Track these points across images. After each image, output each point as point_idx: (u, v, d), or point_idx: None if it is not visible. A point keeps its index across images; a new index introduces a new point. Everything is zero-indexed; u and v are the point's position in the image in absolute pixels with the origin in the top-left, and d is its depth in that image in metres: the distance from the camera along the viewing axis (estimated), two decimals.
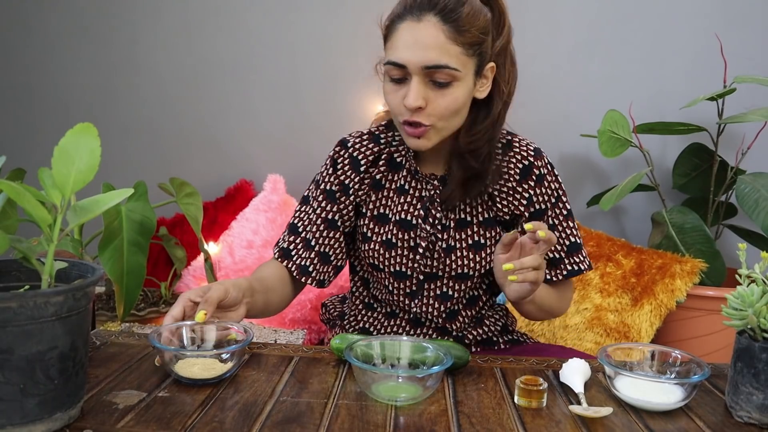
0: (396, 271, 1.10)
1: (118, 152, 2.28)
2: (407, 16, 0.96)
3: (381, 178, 1.12)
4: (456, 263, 1.09)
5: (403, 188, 1.11)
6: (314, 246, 1.11)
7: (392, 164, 1.12)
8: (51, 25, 2.27)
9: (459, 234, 1.09)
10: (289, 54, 2.21)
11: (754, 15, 2.07)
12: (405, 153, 1.11)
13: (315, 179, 1.15)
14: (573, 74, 2.15)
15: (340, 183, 1.11)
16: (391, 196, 1.11)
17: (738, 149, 1.98)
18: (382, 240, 1.10)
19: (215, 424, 0.71)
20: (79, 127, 0.68)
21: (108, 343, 0.97)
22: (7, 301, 0.61)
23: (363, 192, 1.12)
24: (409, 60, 0.95)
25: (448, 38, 0.94)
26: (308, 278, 1.10)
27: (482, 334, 1.17)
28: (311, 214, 1.12)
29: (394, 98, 1.00)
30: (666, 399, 0.78)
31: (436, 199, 1.09)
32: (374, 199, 1.12)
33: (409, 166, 1.11)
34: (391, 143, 1.12)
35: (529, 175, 1.09)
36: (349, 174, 1.11)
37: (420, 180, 1.10)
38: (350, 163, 1.11)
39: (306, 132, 2.24)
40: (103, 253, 1.20)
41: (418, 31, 0.95)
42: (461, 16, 0.95)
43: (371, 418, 0.74)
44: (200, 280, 1.92)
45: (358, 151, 1.11)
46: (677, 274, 1.77)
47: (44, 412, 0.65)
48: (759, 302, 0.76)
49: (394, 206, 1.11)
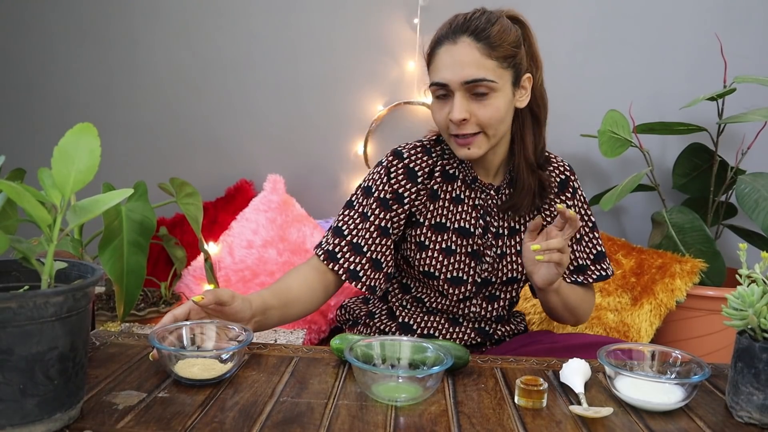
0: (453, 277, 1.16)
1: (118, 152, 2.28)
2: (444, 41, 1.06)
3: (437, 188, 1.17)
4: (507, 268, 1.17)
5: (459, 198, 1.17)
6: (366, 252, 1.13)
7: (446, 176, 1.18)
8: (51, 25, 2.27)
9: (510, 241, 1.17)
10: (289, 54, 2.21)
11: (754, 15, 2.06)
12: (457, 165, 1.18)
13: (363, 186, 1.18)
14: (573, 74, 2.15)
15: (393, 192, 1.15)
16: (447, 205, 1.17)
17: (738, 149, 1.98)
18: (441, 248, 1.15)
19: (215, 425, 0.71)
20: (78, 127, 0.68)
21: (108, 344, 0.97)
22: (6, 302, 0.61)
23: (419, 202, 1.16)
24: (450, 79, 1.05)
25: (482, 54, 1.04)
26: (358, 283, 1.12)
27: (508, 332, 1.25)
28: (361, 219, 1.15)
29: (440, 115, 1.09)
30: (666, 399, 0.78)
31: (493, 208, 1.17)
32: (432, 209, 1.17)
33: (463, 176, 1.17)
34: (443, 156, 1.19)
35: (567, 188, 1.20)
36: (403, 184, 1.15)
37: (476, 189, 1.17)
38: (406, 173, 1.15)
39: (306, 132, 2.24)
40: (103, 253, 1.19)
41: (455, 52, 1.05)
42: (492, 34, 1.04)
43: (371, 419, 0.74)
44: (200, 280, 1.92)
45: (415, 163, 1.16)
46: (677, 274, 1.77)
47: (44, 413, 0.65)
48: (759, 302, 0.75)
49: (452, 215, 1.16)
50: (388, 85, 2.18)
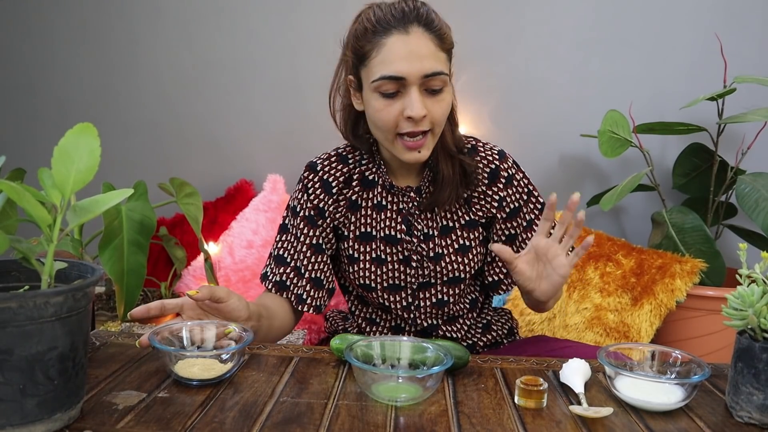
0: (390, 285, 1.12)
1: (118, 152, 2.28)
2: (392, 30, 0.96)
3: (357, 198, 1.12)
4: (446, 268, 1.11)
5: (381, 204, 1.11)
6: (304, 273, 1.10)
7: (365, 182, 1.12)
8: (51, 25, 2.27)
9: (444, 240, 1.11)
10: (289, 54, 2.21)
11: (754, 15, 2.06)
12: (376, 170, 1.12)
13: (290, 206, 1.14)
14: (573, 74, 2.15)
15: (314, 207, 1.11)
16: (370, 213, 1.11)
17: (738, 149, 1.98)
18: (371, 258, 1.11)
19: (215, 425, 0.71)
20: (78, 127, 0.68)
21: (108, 344, 0.97)
22: (6, 302, 0.61)
23: (340, 214, 1.12)
24: (408, 71, 0.95)
25: (436, 46, 0.97)
26: (304, 306, 1.10)
27: (491, 339, 1.20)
28: (294, 242, 1.11)
29: (389, 113, 0.98)
30: (666, 399, 0.78)
31: (415, 210, 1.10)
32: (354, 220, 1.12)
33: (382, 182, 1.11)
34: (360, 162, 1.12)
35: (497, 178, 1.11)
36: (321, 197, 1.11)
37: (396, 194, 1.11)
38: (321, 186, 1.11)
39: (306, 132, 2.24)
40: (103, 253, 1.20)
41: (410, 42, 0.96)
42: (440, 25, 0.98)
43: (371, 419, 0.74)
44: (200, 280, 1.92)
45: (328, 174, 1.11)
46: (677, 274, 1.77)
47: (44, 413, 0.65)
48: (759, 302, 0.75)
49: (376, 223, 1.11)
50: None
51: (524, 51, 2.14)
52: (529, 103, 2.16)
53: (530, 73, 2.16)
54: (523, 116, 2.18)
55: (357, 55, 1.01)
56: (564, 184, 2.19)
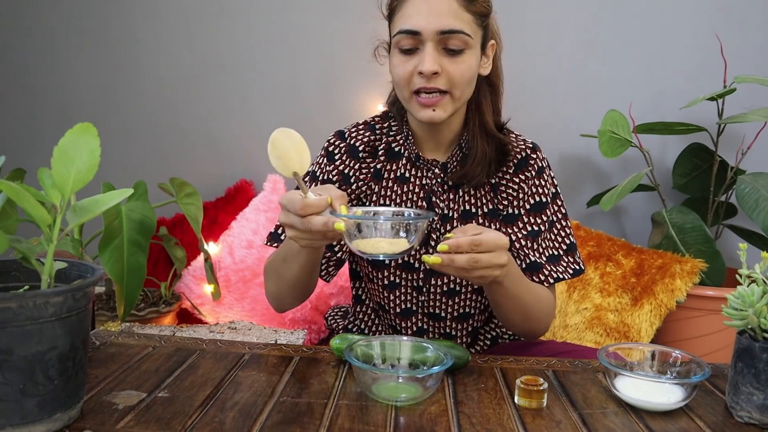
0: (403, 262, 1.09)
1: (118, 152, 2.28)
2: None
3: (381, 168, 1.10)
4: None
5: (404, 176, 1.09)
6: None
7: (391, 154, 1.10)
8: (51, 25, 2.27)
9: (462, 225, 1.07)
10: (289, 54, 2.21)
11: (754, 15, 2.06)
12: (403, 141, 1.10)
13: (309, 171, 1.12)
14: (573, 74, 2.15)
15: (339, 173, 1.09)
16: (392, 186, 1.09)
17: (738, 149, 1.98)
18: None
19: (215, 425, 0.71)
20: (78, 127, 0.68)
21: (108, 343, 0.97)
22: (6, 302, 0.61)
23: (364, 183, 1.10)
24: (424, 26, 0.95)
25: (460, 5, 0.96)
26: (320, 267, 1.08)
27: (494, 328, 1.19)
28: None
29: (404, 69, 0.98)
30: (666, 399, 0.78)
31: (438, 188, 1.08)
32: (376, 190, 1.10)
33: (408, 153, 1.09)
34: (388, 133, 1.11)
35: (528, 166, 1.08)
36: (347, 162, 1.09)
37: (420, 167, 1.09)
38: (348, 151, 1.09)
39: (306, 132, 2.20)
40: (103, 253, 1.20)
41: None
42: None
43: (371, 419, 0.74)
44: (200, 280, 1.92)
45: (356, 139, 1.10)
46: (677, 274, 1.77)
47: (44, 413, 0.65)
48: (759, 302, 0.75)
49: (396, 196, 1.09)
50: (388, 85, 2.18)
51: (524, 51, 2.14)
52: (529, 103, 2.16)
53: (530, 73, 2.16)
54: (523, 116, 2.18)
55: (388, 13, 1.03)
56: (564, 184, 2.18)
